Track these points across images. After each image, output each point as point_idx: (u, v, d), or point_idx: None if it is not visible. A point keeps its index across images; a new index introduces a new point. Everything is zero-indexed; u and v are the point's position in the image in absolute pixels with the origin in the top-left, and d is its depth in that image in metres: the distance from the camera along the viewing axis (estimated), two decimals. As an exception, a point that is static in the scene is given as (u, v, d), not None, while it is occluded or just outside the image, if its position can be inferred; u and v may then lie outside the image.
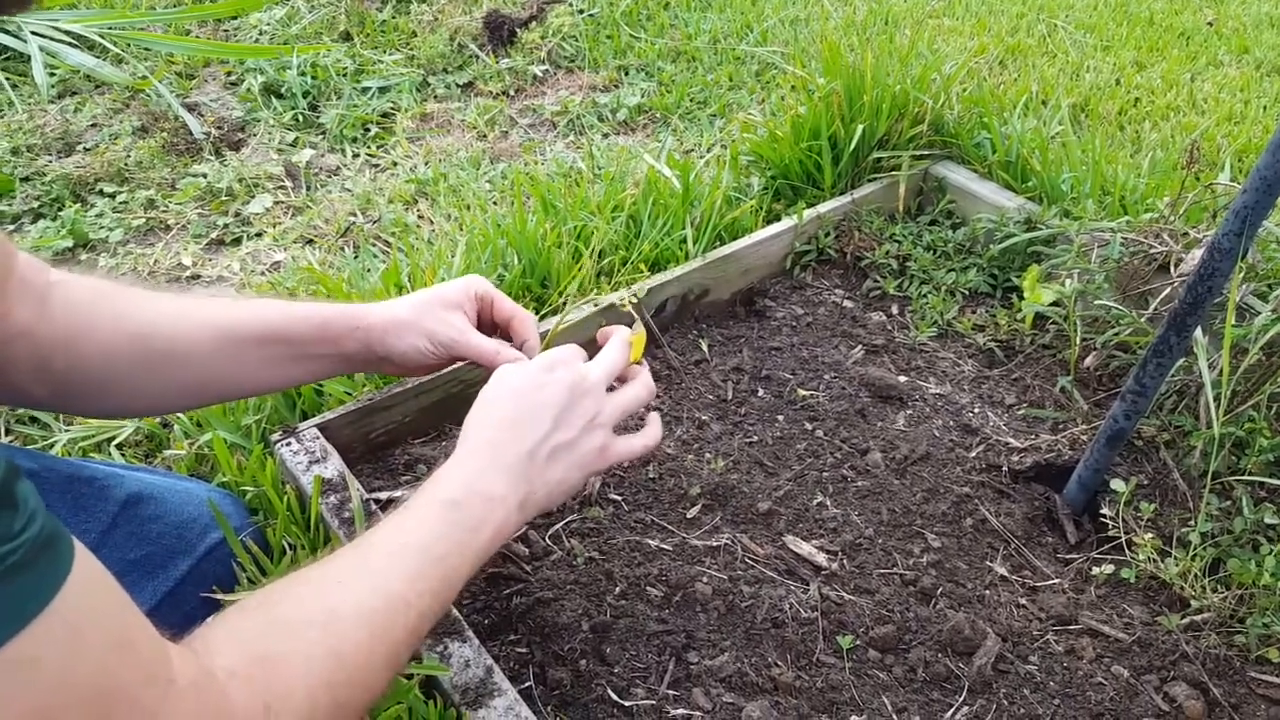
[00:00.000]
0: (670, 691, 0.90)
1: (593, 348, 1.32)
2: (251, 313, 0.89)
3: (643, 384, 0.90)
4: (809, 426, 1.22)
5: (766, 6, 2.59)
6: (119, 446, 1.20)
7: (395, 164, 1.98)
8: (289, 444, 1.04)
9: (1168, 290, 1.21)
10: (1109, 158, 1.66)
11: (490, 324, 1.00)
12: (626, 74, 2.34)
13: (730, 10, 2.58)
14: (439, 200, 1.81)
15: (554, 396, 0.82)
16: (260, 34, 2.43)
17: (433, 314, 0.93)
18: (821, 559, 1.04)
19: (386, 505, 1.03)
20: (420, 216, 1.79)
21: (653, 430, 0.90)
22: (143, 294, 0.86)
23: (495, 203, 1.79)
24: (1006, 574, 1.04)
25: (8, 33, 2.18)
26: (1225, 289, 0.94)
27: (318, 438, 1.05)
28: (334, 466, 1.01)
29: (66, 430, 1.22)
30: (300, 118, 2.13)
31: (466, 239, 1.50)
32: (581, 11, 2.56)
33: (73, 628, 0.45)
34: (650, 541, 1.05)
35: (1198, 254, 1.16)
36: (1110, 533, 1.06)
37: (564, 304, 1.33)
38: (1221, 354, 1.05)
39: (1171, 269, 1.24)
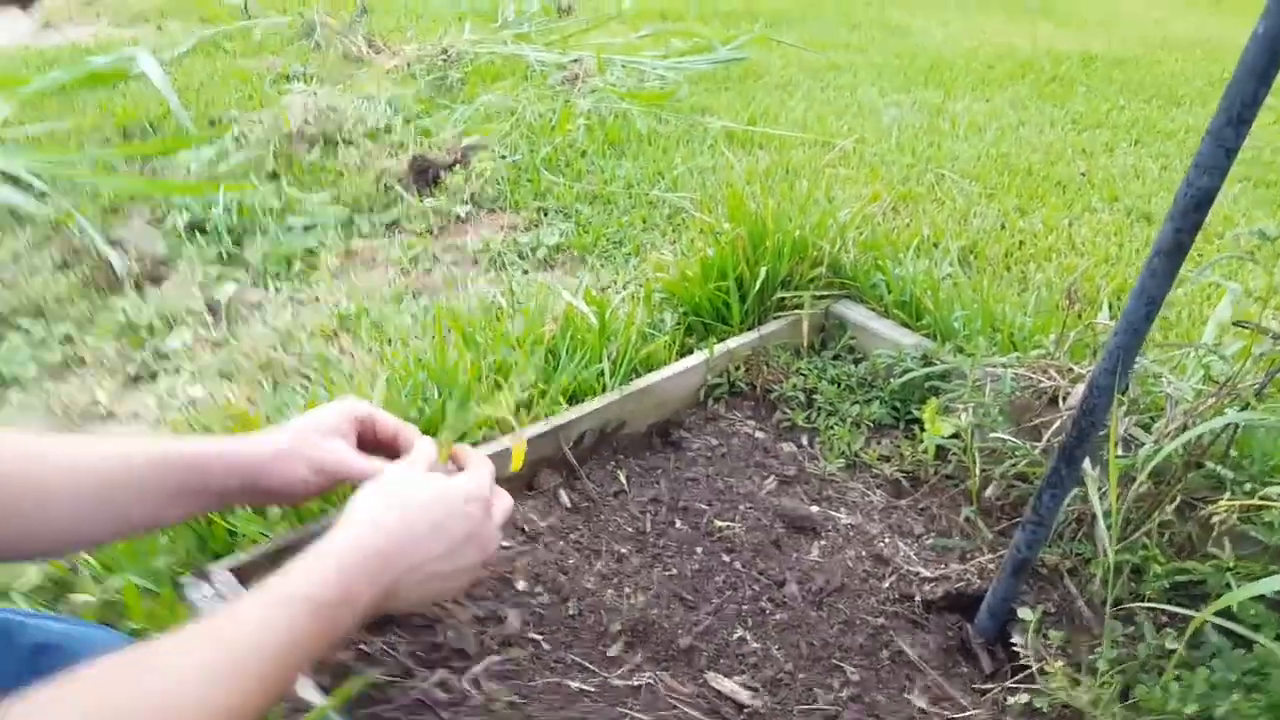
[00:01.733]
0: (591, 844, 0.87)
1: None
2: (116, 454, 0.84)
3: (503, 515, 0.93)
4: (726, 558, 1.23)
5: (676, 156, 2.76)
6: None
7: (318, 299, 2.00)
8: (199, 587, 1.00)
9: (1058, 423, 1.28)
10: (997, 297, 1.78)
11: (374, 444, 1.01)
12: (546, 215, 2.44)
13: (643, 158, 2.74)
14: (361, 334, 1.82)
15: (458, 529, 0.83)
16: (188, 172, 2.46)
17: (311, 442, 0.93)
18: (744, 696, 1.03)
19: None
20: (342, 350, 1.80)
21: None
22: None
23: (417, 337, 1.81)
24: (925, 706, 1.05)
25: (-73, 165, 2.18)
26: (1108, 422, 1.00)
27: (229, 580, 1.01)
28: (242, 612, 0.97)
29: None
30: (225, 254, 2.15)
31: (387, 373, 1.51)
32: (504, 157, 2.68)
33: None
34: (571, 683, 1.03)
35: (1081, 389, 1.25)
36: (1023, 661, 1.08)
37: (482, 438, 1.34)
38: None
39: (1060, 403, 1.32)
